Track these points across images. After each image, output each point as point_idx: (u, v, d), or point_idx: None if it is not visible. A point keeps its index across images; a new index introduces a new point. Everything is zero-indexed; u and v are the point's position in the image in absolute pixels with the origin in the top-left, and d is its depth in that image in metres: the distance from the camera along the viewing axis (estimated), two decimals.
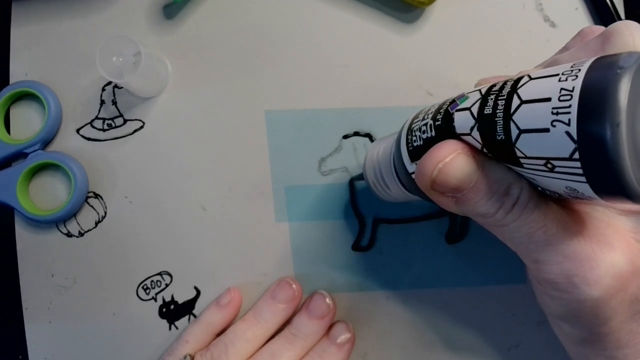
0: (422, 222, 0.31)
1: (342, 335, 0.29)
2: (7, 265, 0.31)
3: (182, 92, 0.32)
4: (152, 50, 0.31)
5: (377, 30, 0.32)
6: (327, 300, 0.29)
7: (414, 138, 0.20)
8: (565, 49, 0.21)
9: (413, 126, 0.20)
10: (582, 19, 0.32)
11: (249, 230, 0.31)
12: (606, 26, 0.18)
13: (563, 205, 0.18)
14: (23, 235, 0.31)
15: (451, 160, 0.17)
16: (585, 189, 0.14)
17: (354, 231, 0.31)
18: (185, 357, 0.28)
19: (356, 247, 0.31)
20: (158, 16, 0.32)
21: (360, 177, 0.31)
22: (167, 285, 0.31)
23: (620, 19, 0.31)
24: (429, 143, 0.18)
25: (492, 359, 0.31)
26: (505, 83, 0.16)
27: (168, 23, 0.32)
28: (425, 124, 0.19)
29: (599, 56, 0.14)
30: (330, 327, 0.30)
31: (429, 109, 0.20)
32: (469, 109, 0.17)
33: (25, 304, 0.31)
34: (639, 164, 0.13)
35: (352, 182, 0.31)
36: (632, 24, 0.17)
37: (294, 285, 0.30)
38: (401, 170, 0.22)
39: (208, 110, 0.32)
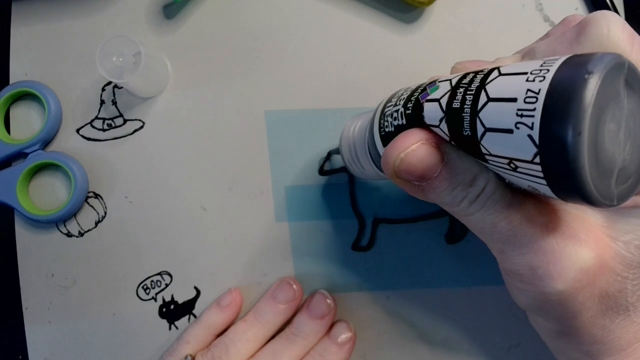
0: (422, 222, 0.31)
1: (343, 335, 0.29)
2: (7, 265, 0.31)
3: (182, 92, 0.32)
4: (152, 50, 0.31)
5: (377, 30, 0.32)
6: (328, 300, 0.29)
7: (386, 123, 0.20)
8: (546, 36, 0.21)
9: (386, 111, 0.20)
10: None
11: (249, 230, 0.31)
12: None
13: (533, 197, 0.18)
14: (23, 235, 0.31)
15: (414, 151, 0.17)
16: (546, 190, 0.14)
17: (354, 231, 0.31)
18: (186, 357, 0.28)
19: (356, 247, 0.31)
20: (158, 16, 0.32)
21: (338, 150, 0.30)
22: (167, 285, 0.31)
23: None
24: (400, 130, 0.18)
25: (492, 359, 0.31)
26: (475, 75, 0.16)
27: (168, 23, 0.32)
28: (397, 111, 0.19)
29: (569, 56, 0.14)
30: (331, 326, 0.30)
31: (402, 94, 0.20)
32: (438, 100, 0.17)
33: (25, 304, 0.31)
34: (599, 172, 0.13)
35: (329, 155, 0.31)
36: (610, 14, 0.17)
37: (294, 285, 0.30)
38: (374, 153, 0.21)
39: (208, 110, 0.32)
